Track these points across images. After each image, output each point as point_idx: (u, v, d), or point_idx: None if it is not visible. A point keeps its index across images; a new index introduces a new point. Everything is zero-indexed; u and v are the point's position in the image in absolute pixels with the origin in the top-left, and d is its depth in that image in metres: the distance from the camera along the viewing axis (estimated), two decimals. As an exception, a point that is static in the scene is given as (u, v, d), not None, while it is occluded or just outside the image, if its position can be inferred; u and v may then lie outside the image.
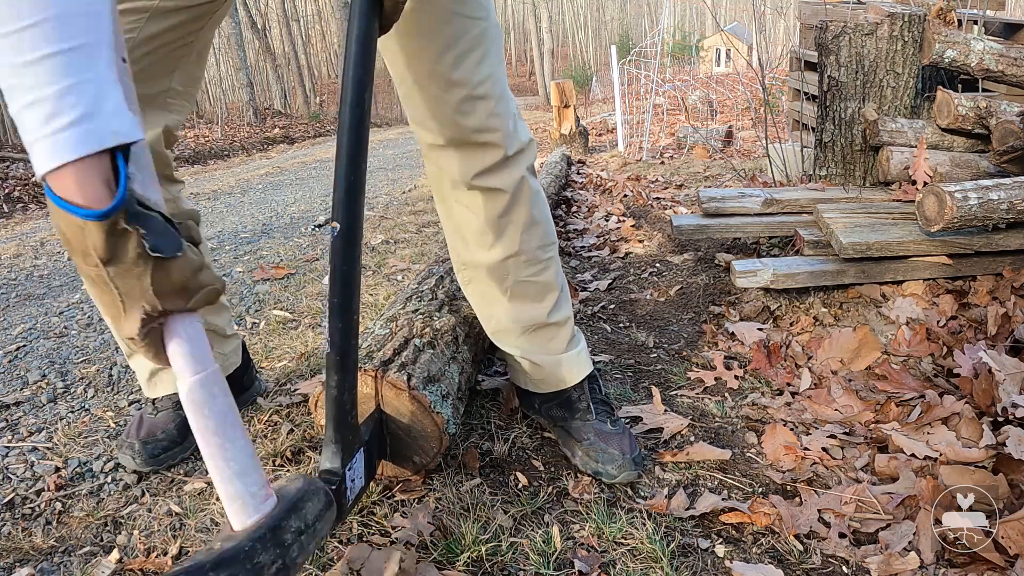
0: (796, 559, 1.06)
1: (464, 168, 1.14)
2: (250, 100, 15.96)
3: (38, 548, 1.09)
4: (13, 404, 1.61)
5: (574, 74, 23.20)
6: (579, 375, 1.33)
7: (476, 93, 1.08)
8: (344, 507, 0.92)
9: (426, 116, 1.11)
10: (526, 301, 1.27)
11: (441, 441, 1.16)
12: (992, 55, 2.11)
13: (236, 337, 1.46)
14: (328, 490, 0.81)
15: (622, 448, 1.25)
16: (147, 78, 1.09)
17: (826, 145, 2.31)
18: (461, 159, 1.14)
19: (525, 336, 1.30)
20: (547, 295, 1.28)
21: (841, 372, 1.65)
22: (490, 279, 1.26)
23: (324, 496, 0.79)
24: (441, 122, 1.10)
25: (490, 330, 1.34)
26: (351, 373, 0.92)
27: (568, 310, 1.32)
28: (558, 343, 1.31)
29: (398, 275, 2.63)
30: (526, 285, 1.26)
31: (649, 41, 7.48)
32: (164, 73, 1.12)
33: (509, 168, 1.16)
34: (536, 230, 1.23)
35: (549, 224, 1.27)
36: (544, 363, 1.31)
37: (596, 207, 3.72)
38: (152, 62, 1.08)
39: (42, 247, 3.63)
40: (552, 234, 1.28)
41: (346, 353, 0.90)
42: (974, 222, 1.67)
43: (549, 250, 1.27)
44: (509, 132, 1.14)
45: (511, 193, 1.17)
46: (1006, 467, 1.17)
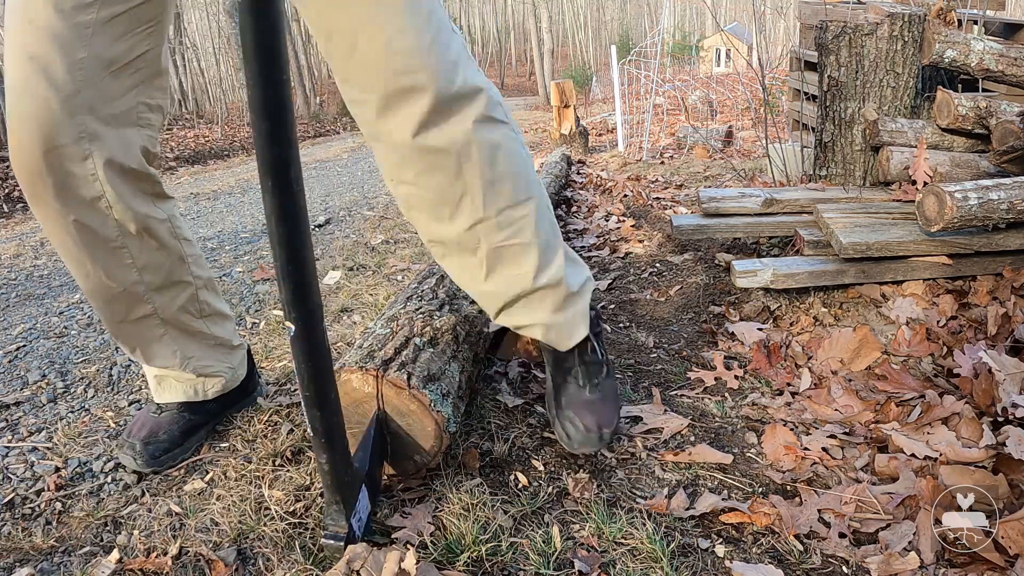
0: (796, 559, 1.06)
1: (398, 128, 1.00)
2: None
3: (38, 548, 1.09)
4: (13, 404, 1.61)
5: (574, 74, 23.20)
6: (571, 340, 1.26)
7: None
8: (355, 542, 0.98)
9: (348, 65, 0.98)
10: (507, 268, 1.16)
11: (441, 440, 1.16)
12: (992, 55, 2.11)
13: (243, 347, 1.46)
14: None
15: (596, 420, 1.22)
16: (113, 95, 1.09)
17: (826, 145, 2.31)
18: (392, 117, 0.99)
19: (519, 307, 1.21)
20: (528, 257, 1.15)
21: (841, 372, 1.65)
22: (461, 252, 1.15)
23: None
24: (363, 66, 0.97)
25: (483, 307, 1.25)
26: (339, 448, 0.93)
27: (558, 269, 1.19)
28: (549, 307, 1.21)
29: (398, 275, 2.63)
30: (502, 251, 1.13)
31: (649, 41, 7.48)
32: (128, 88, 1.11)
33: (449, 120, 1.00)
34: (502, 188, 1.09)
35: (520, 176, 1.11)
36: (542, 327, 1.24)
37: (596, 207, 3.72)
38: (114, 75, 1.08)
39: (42, 247, 3.63)
40: (528, 186, 1.13)
41: (331, 433, 0.91)
42: (974, 222, 1.67)
43: (524, 206, 1.12)
44: (442, 71, 0.97)
45: (456, 152, 1.02)
46: (1006, 467, 1.17)
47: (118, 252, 1.17)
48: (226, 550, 1.06)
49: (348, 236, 3.43)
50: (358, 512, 1.00)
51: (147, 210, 1.19)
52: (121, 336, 1.25)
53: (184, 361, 1.31)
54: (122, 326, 1.24)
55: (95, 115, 1.07)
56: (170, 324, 1.28)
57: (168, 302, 1.26)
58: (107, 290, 1.19)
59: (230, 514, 1.14)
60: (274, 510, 1.14)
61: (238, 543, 1.09)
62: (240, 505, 1.16)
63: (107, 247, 1.16)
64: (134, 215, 1.16)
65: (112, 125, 1.10)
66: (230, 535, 1.10)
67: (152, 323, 1.26)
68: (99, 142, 1.08)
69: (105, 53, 1.05)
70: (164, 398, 1.35)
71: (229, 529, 1.11)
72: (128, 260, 1.18)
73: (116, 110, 1.10)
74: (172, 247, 1.25)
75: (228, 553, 1.06)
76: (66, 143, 1.05)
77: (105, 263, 1.17)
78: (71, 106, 1.04)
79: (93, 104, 1.06)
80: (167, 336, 1.28)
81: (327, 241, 3.34)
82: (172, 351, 1.29)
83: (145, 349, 1.28)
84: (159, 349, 1.28)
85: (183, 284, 1.28)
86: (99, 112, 1.07)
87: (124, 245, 1.17)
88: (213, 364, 1.36)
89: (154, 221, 1.20)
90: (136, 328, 1.25)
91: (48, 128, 1.03)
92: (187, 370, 1.32)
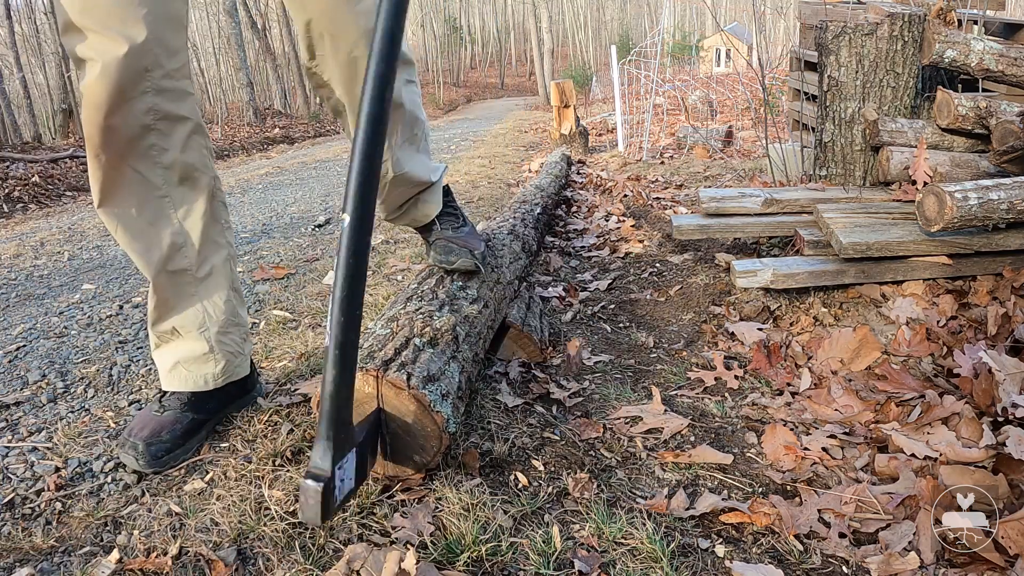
0: (796, 559, 1.06)
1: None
2: (250, 100, 15.96)
3: (38, 548, 1.09)
4: (13, 404, 1.61)
5: (574, 74, 23.19)
6: (435, 211, 1.62)
7: None
8: (330, 506, 0.92)
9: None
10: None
11: (441, 440, 1.16)
12: (992, 55, 2.11)
13: (251, 341, 1.48)
14: None
15: (464, 244, 1.58)
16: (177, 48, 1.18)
17: (826, 145, 2.31)
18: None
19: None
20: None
21: (841, 372, 1.65)
22: None
23: None
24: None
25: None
26: (349, 370, 0.90)
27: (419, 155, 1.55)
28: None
29: (398, 275, 2.63)
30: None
31: (649, 41, 7.48)
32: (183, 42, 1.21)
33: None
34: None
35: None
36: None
37: (596, 207, 3.72)
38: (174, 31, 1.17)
39: (42, 247, 3.63)
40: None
41: (346, 349, 0.89)
42: (974, 222, 1.67)
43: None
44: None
45: None
46: (1006, 467, 1.17)
47: (163, 200, 1.24)
48: (226, 550, 1.06)
49: (348, 236, 3.42)
50: (344, 468, 0.95)
51: (194, 161, 1.26)
52: (157, 287, 1.30)
53: (204, 325, 1.34)
54: (159, 276, 1.28)
55: (163, 69, 1.15)
56: (202, 286, 1.33)
57: (204, 260, 1.31)
58: (149, 236, 1.25)
59: (230, 514, 1.14)
60: (274, 510, 1.14)
61: (238, 543, 1.09)
62: (240, 505, 1.16)
63: (151, 204, 1.23)
64: (183, 165, 1.24)
65: (175, 78, 1.18)
66: (230, 535, 1.10)
67: (187, 279, 1.31)
68: (162, 95, 1.17)
69: (163, 8, 1.13)
70: (173, 385, 1.36)
71: (229, 529, 1.11)
72: (171, 210, 1.25)
73: (178, 64, 1.18)
74: (212, 206, 1.31)
75: (228, 553, 1.06)
76: (135, 95, 1.13)
77: (153, 209, 1.24)
78: (143, 61, 1.12)
79: (160, 59, 1.14)
80: (196, 297, 1.32)
81: (327, 241, 3.34)
82: (197, 311, 1.33)
83: (174, 303, 1.31)
84: (186, 306, 1.32)
85: (218, 244, 1.34)
86: (166, 66, 1.16)
87: (167, 194, 1.24)
88: (230, 343, 1.39)
89: (200, 174, 1.28)
90: (171, 280, 1.29)
91: (125, 82, 1.11)
92: (203, 336, 1.34)
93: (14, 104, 12.96)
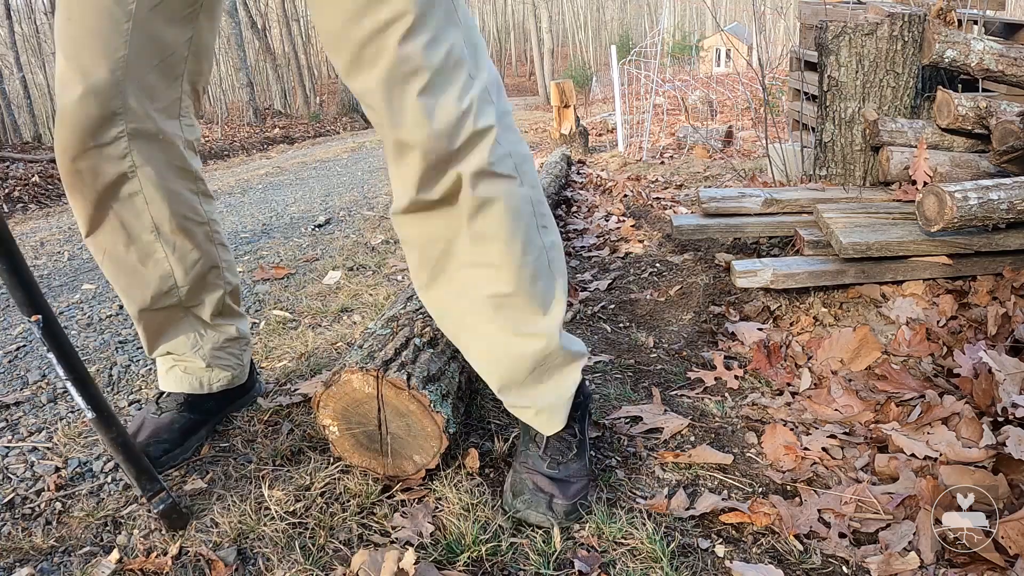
0: (796, 559, 1.06)
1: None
2: (250, 100, 15.96)
3: (38, 548, 1.09)
4: (13, 404, 1.61)
5: (574, 74, 23.18)
6: (547, 426, 1.17)
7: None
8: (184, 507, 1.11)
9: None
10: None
11: (441, 440, 1.16)
12: (992, 55, 2.11)
13: (251, 345, 1.47)
14: None
15: (552, 487, 1.11)
16: (160, 88, 1.10)
17: (826, 145, 2.31)
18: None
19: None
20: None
21: (841, 372, 1.65)
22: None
23: None
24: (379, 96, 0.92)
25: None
26: (115, 421, 1.04)
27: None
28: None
29: (398, 275, 2.63)
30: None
31: (649, 41, 7.48)
32: (172, 79, 1.11)
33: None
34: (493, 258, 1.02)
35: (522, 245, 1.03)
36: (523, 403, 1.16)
37: (596, 207, 3.72)
38: (159, 72, 1.08)
39: (42, 247, 3.63)
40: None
41: (102, 409, 1.02)
42: (974, 222, 1.67)
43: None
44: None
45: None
46: (1006, 467, 1.17)
47: (152, 245, 1.19)
48: (226, 550, 1.06)
49: (348, 236, 3.43)
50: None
51: (185, 211, 1.20)
52: (141, 320, 1.27)
53: (197, 347, 1.32)
54: (143, 312, 1.25)
55: (136, 112, 1.08)
56: (192, 313, 1.30)
57: (193, 297, 1.28)
58: (137, 277, 1.21)
59: (230, 514, 1.14)
60: (274, 510, 1.14)
61: (238, 543, 1.09)
62: (240, 505, 1.16)
63: (141, 243, 1.17)
64: (171, 214, 1.17)
65: (155, 121, 1.11)
66: (230, 535, 1.10)
67: (175, 311, 1.28)
68: (139, 140, 1.10)
69: (145, 48, 1.05)
70: (169, 386, 1.35)
71: (229, 529, 1.11)
72: (161, 254, 1.20)
73: (159, 105, 1.10)
74: (207, 252, 1.26)
75: (228, 553, 1.06)
76: (105, 141, 1.06)
77: (142, 252, 1.18)
78: (110, 105, 1.05)
79: (134, 101, 1.07)
80: (186, 321, 1.30)
81: (327, 241, 3.34)
82: (187, 335, 1.31)
83: (162, 332, 1.29)
84: (175, 332, 1.30)
85: (213, 287, 1.30)
86: (140, 109, 1.08)
87: (157, 239, 1.18)
88: (226, 357, 1.37)
89: (192, 223, 1.22)
90: (157, 315, 1.27)
91: (86, 126, 1.05)
92: (198, 355, 1.33)
93: (14, 104, 12.96)
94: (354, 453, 1.20)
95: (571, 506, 1.11)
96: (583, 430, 1.22)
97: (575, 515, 1.11)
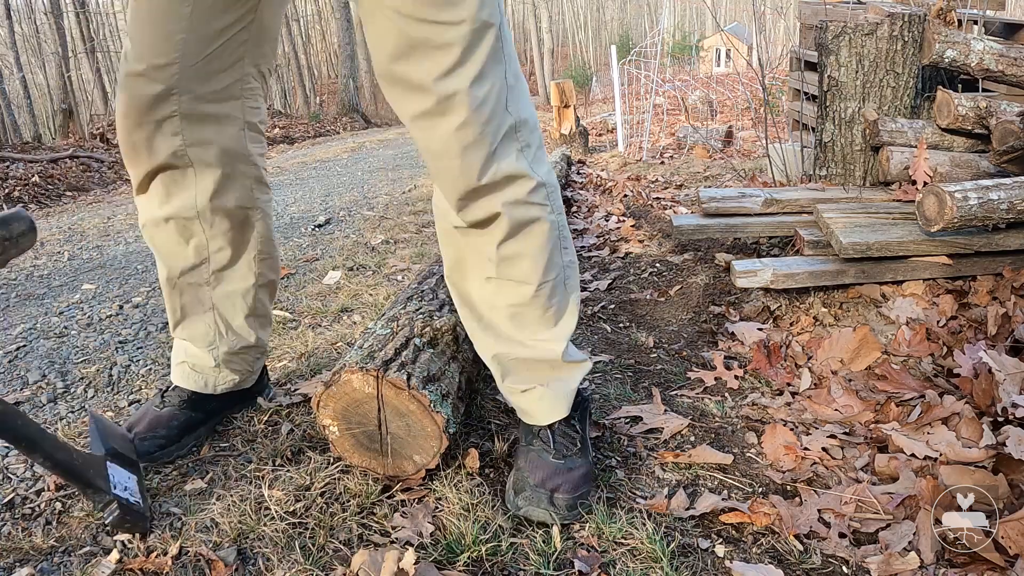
0: (796, 559, 1.06)
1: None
2: (250, 100, 15.92)
3: (38, 548, 1.09)
4: (13, 404, 1.61)
5: (574, 74, 23.18)
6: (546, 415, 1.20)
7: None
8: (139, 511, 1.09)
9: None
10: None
11: (441, 441, 1.16)
12: (992, 55, 2.11)
13: (267, 354, 1.48)
14: (31, 218, 0.95)
15: (553, 482, 1.12)
16: (217, 70, 1.13)
17: (826, 145, 2.31)
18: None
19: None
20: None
21: (841, 372, 1.65)
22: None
23: (28, 222, 0.94)
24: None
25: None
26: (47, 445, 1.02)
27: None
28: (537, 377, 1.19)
29: (398, 275, 2.63)
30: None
31: (649, 41, 7.48)
32: (233, 62, 1.14)
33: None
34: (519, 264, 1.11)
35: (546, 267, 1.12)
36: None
37: (596, 207, 3.72)
38: (218, 54, 1.11)
39: (42, 247, 3.63)
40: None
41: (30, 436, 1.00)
42: (974, 222, 1.67)
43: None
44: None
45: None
46: (1006, 467, 1.17)
47: (192, 220, 1.22)
48: (226, 550, 1.06)
49: (348, 236, 3.43)
50: (119, 484, 1.08)
51: (234, 193, 1.23)
52: (173, 292, 1.29)
53: (212, 345, 1.33)
54: (177, 282, 1.27)
55: (192, 94, 1.11)
56: (219, 307, 1.31)
57: (223, 283, 1.29)
58: (172, 246, 1.24)
59: (230, 514, 1.14)
60: (274, 510, 1.14)
61: (238, 543, 1.09)
62: (240, 505, 1.16)
63: (183, 213, 1.21)
64: (215, 194, 1.21)
65: (211, 101, 1.14)
66: (230, 535, 1.10)
67: (203, 294, 1.29)
68: (192, 120, 1.13)
69: (204, 30, 1.08)
70: (176, 380, 1.37)
71: (229, 529, 1.11)
72: (199, 228, 1.23)
73: (217, 86, 1.14)
74: (245, 236, 1.28)
75: (228, 553, 1.06)
76: (158, 118, 1.10)
77: (180, 224, 1.22)
78: (166, 84, 1.08)
79: (190, 83, 1.10)
80: (211, 314, 1.31)
81: (327, 241, 3.34)
82: (207, 329, 1.32)
83: (187, 313, 1.31)
84: (198, 321, 1.31)
85: (242, 273, 1.31)
86: (197, 91, 1.11)
87: (198, 216, 1.22)
88: (239, 362, 1.38)
89: (237, 208, 1.25)
90: (187, 292, 1.29)
91: (142, 102, 1.09)
92: (211, 354, 1.33)
93: (14, 104, 12.96)
94: (354, 453, 1.20)
95: (573, 500, 1.12)
96: (584, 429, 1.25)
97: (576, 511, 1.12)
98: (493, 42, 0.96)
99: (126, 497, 1.08)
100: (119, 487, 1.08)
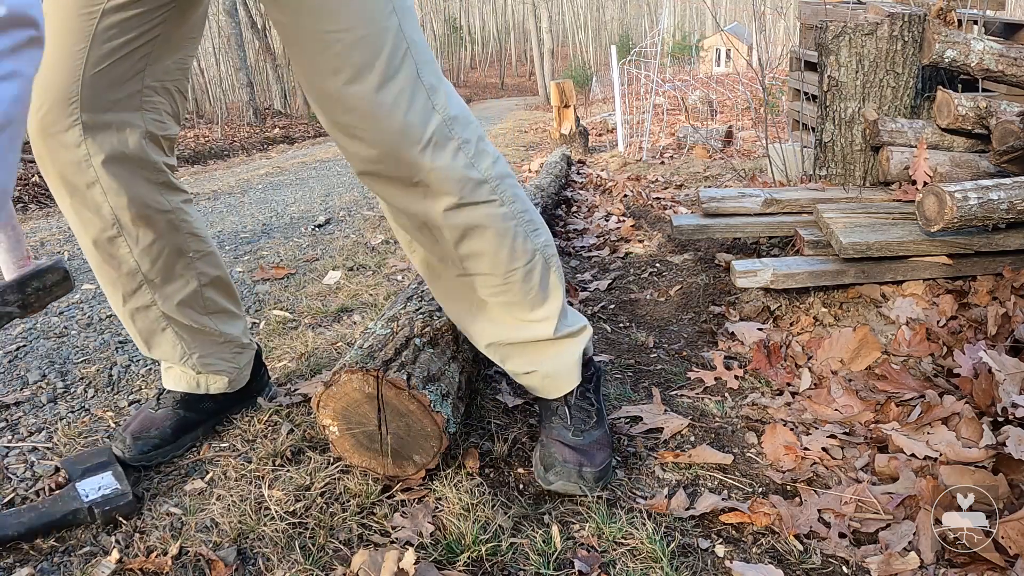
0: (796, 559, 1.06)
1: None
2: (250, 100, 15.96)
3: (38, 548, 1.09)
4: (13, 404, 1.61)
5: (574, 74, 23.19)
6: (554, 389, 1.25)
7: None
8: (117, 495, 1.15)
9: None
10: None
11: (441, 440, 1.16)
12: (992, 55, 2.11)
13: (251, 348, 1.45)
14: (66, 269, 0.98)
15: (578, 458, 1.18)
16: (113, 82, 1.09)
17: (826, 145, 2.31)
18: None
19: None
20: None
21: (841, 372, 1.65)
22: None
23: (62, 272, 0.97)
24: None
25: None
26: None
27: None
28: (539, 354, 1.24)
29: (398, 275, 2.63)
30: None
31: (649, 41, 7.48)
32: (131, 74, 1.11)
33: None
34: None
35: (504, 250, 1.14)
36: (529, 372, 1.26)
37: (596, 207, 3.72)
38: (114, 64, 1.08)
39: (42, 247, 3.63)
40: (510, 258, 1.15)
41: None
42: (974, 222, 1.67)
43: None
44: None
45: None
46: (1006, 467, 1.17)
47: (115, 240, 1.19)
48: (226, 550, 1.06)
49: (348, 236, 3.43)
50: (89, 492, 1.15)
51: (147, 199, 1.19)
52: (127, 320, 1.28)
53: (185, 356, 1.32)
54: (125, 310, 1.26)
55: (93, 102, 1.08)
56: (172, 319, 1.28)
57: (168, 296, 1.27)
58: (107, 273, 1.22)
59: (230, 514, 1.14)
60: (274, 510, 1.14)
61: (238, 543, 1.09)
62: (240, 505, 1.16)
63: (104, 233, 1.18)
64: (130, 203, 1.17)
65: (112, 111, 1.11)
66: (230, 535, 1.10)
67: (153, 314, 1.27)
68: (94, 130, 1.10)
69: (107, 41, 1.05)
70: (168, 384, 1.37)
71: (229, 529, 1.11)
72: (125, 248, 1.20)
73: (117, 95, 1.11)
74: (172, 241, 1.24)
75: (228, 553, 1.06)
76: (60, 130, 1.08)
77: (105, 248, 1.19)
78: (66, 94, 1.06)
79: (91, 92, 1.08)
80: (169, 330, 1.29)
81: (327, 241, 3.34)
82: (173, 345, 1.30)
83: (148, 338, 1.30)
84: (160, 341, 1.30)
85: (183, 279, 1.28)
86: (97, 99, 1.09)
87: (120, 233, 1.18)
88: (217, 362, 1.36)
89: (153, 211, 1.20)
90: (139, 317, 1.27)
91: (44, 114, 1.07)
92: (187, 366, 1.32)
93: (14, 104, 12.91)
94: (354, 453, 1.20)
95: (599, 472, 1.19)
96: (599, 400, 1.30)
97: (604, 480, 1.20)
98: (392, 46, 0.96)
99: (100, 496, 1.14)
100: (91, 494, 1.14)
